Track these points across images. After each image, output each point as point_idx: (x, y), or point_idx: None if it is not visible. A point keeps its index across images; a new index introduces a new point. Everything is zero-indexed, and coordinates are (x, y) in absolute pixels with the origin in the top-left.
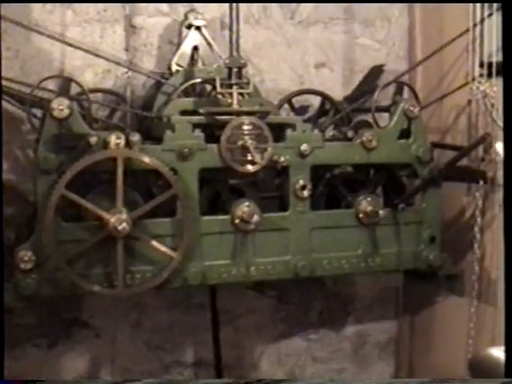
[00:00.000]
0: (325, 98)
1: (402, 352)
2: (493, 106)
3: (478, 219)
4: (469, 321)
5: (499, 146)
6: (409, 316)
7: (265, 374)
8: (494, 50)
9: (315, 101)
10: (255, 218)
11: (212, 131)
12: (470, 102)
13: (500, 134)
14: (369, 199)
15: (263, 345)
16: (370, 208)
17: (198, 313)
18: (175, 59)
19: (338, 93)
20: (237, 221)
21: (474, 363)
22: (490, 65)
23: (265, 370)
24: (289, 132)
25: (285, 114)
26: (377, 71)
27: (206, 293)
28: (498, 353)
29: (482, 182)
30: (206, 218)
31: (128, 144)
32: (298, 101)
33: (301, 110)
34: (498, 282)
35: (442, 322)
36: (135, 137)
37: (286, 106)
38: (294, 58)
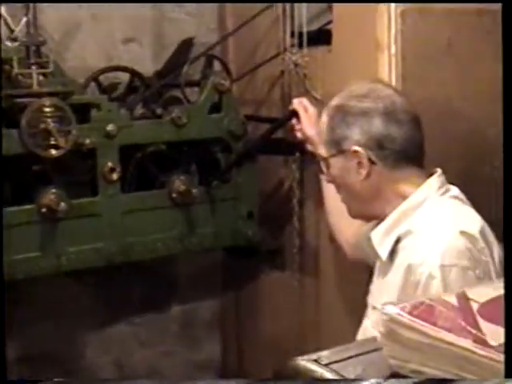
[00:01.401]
0: (133, 74)
1: (228, 330)
2: (305, 76)
3: (297, 191)
4: (292, 294)
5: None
6: (233, 293)
7: (91, 363)
8: (304, 20)
9: (125, 78)
10: (62, 205)
11: (13, 115)
12: (282, 72)
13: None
14: (182, 178)
15: (86, 334)
16: (183, 187)
17: (15, 307)
18: None
19: (148, 68)
20: (43, 209)
21: (279, 375)
22: (300, 35)
23: (90, 359)
24: (94, 112)
25: (94, 94)
26: (187, 45)
27: (20, 287)
28: (305, 363)
29: (298, 154)
30: (11, 208)
31: None
32: (107, 78)
33: (110, 89)
34: (318, 253)
35: (266, 297)
36: None
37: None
38: (101, 34)
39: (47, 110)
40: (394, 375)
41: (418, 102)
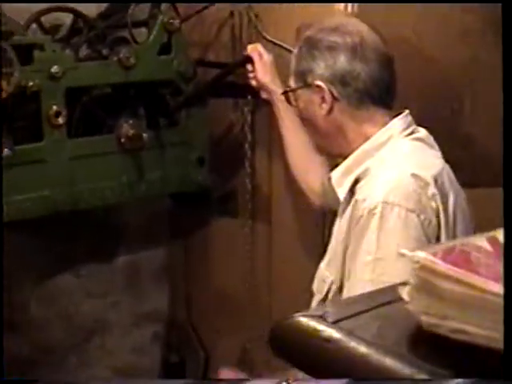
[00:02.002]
0: (76, 15)
1: (177, 280)
2: (257, 16)
3: (248, 135)
4: (244, 241)
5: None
6: (181, 242)
7: (37, 315)
8: None
9: (68, 19)
10: (6, 151)
11: None
12: (232, 13)
13: (267, 46)
14: (130, 122)
15: (31, 286)
16: (132, 132)
17: None
18: None
19: (92, 9)
20: None
21: (278, 332)
22: None
23: (36, 311)
24: (37, 53)
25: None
26: None
27: None
28: (309, 321)
29: (250, 97)
30: None
31: None
32: (48, 20)
33: (52, 30)
34: (271, 198)
35: (216, 245)
36: None
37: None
38: None
39: None
40: (424, 334)
41: None
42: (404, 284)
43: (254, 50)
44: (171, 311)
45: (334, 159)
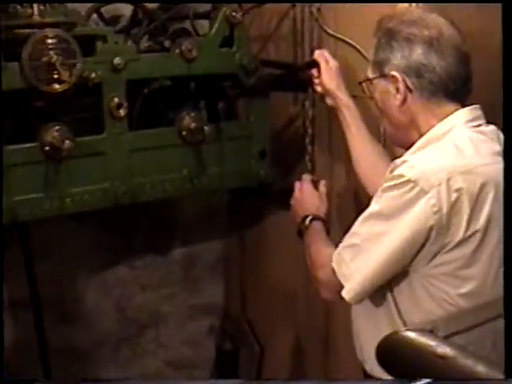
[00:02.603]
0: (136, 6)
1: (232, 273)
2: (319, 10)
3: (309, 130)
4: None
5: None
6: (238, 234)
7: (90, 306)
8: None
9: (127, 10)
10: (67, 143)
11: (13, 48)
12: (293, 6)
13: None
14: (192, 115)
15: (86, 277)
16: (194, 124)
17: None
18: None
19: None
20: (46, 148)
21: (386, 347)
22: None
23: (90, 302)
24: (100, 44)
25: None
26: None
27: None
28: (419, 336)
29: (310, 91)
30: (11, 147)
31: None
32: (107, 11)
33: (112, 21)
34: (330, 193)
35: (272, 239)
36: None
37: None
38: None
39: (50, 41)
40: None
41: None
42: None
43: (321, 55)
44: (226, 304)
45: None
